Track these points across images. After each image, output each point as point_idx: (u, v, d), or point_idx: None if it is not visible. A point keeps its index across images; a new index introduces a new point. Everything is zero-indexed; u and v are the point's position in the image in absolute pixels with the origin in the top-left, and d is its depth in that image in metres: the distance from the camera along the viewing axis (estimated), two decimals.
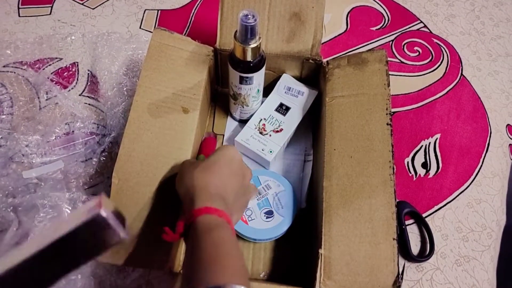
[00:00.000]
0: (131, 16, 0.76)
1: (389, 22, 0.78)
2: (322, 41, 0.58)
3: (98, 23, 0.75)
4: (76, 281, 0.51)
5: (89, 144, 0.62)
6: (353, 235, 0.46)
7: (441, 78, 0.72)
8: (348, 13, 0.79)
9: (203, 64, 0.56)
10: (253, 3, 0.57)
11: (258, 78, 0.55)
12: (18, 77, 0.67)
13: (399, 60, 0.73)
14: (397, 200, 0.47)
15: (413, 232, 0.58)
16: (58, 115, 0.64)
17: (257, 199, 0.54)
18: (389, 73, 0.54)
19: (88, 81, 0.69)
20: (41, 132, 0.61)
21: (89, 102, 0.66)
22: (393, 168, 0.48)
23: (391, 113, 0.51)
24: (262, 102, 0.61)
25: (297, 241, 0.55)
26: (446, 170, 0.63)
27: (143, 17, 0.76)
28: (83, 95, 0.67)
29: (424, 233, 0.58)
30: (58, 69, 0.69)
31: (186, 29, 0.76)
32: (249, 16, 0.46)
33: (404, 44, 0.75)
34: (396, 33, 0.77)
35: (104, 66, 0.68)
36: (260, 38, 0.50)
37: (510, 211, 0.63)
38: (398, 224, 0.51)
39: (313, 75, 0.61)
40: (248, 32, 0.47)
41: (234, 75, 0.54)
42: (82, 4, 0.77)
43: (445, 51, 0.75)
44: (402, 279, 0.44)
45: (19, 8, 0.76)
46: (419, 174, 0.63)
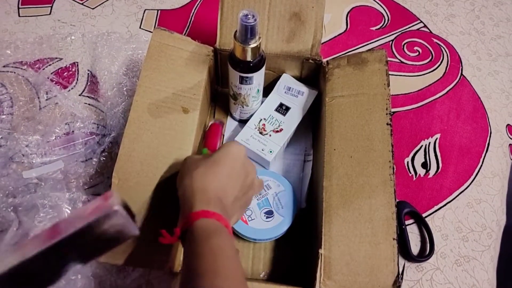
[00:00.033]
0: (131, 16, 0.76)
1: (389, 22, 0.78)
2: (322, 41, 0.58)
3: (98, 23, 0.75)
4: (76, 281, 0.51)
5: (89, 144, 0.62)
6: (353, 235, 0.46)
7: (441, 78, 0.72)
8: (348, 13, 0.79)
9: (203, 64, 0.56)
10: (253, 3, 0.57)
11: (258, 78, 0.55)
12: (18, 77, 0.67)
13: (399, 60, 0.73)
14: (397, 200, 0.47)
15: (413, 232, 0.58)
16: (58, 115, 0.64)
17: (257, 199, 0.54)
18: (389, 73, 0.54)
19: (88, 81, 0.69)
20: (41, 132, 0.61)
21: (89, 102, 0.66)
22: (393, 168, 0.48)
23: (391, 113, 0.51)
24: (262, 102, 0.61)
25: (297, 241, 0.55)
26: (446, 170, 0.63)
27: (143, 17, 0.76)
28: (83, 95, 0.67)
29: (424, 233, 0.58)
30: (58, 69, 0.69)
31: (186, 29, 0.76)
32: (249, 16, 0.46)
33: (404, 44, 0.75)
34: (396, 33, 0.77)
35: (104, 66, 0.68)
36: (260, 38, 0.49)
37: (510, 211, 0.63)
38: (398, 224, 0.51)
39: (313, 75, 0.61)
40: (248, 32, 0.47)
41: (234, 75, 0.54)
42: (82, 4, 0.77)
43: (445, 51, 0.75)
44: (402, 279, 0.44)
45: (19, 8, 0.76)
46: (419, 174, 0.63)
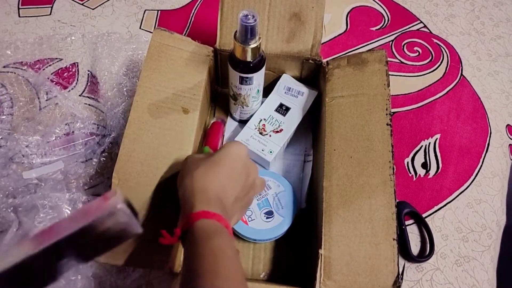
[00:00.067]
0: (131, 16, 0.76)
1: (389, 22, 0.78)
2: (322, 41, 0.58)
3: (98, 23, 0.75)
4: (76, 282, 0.51)
5: (89, 144, 0.62)
6: (353, 235, 0.46)
7: (441, 78, 0.72)
8: (348, 13, 0.79)
9: (203, 64, 0.56)
10: (253, 3, 0.57)
11: (258, 78, 0.55)
12: (18, 78, 0.67)
13: (399, 60, 0.73)
14: (397, 200, 0.47)
15: (413, 232, 0.58)
16: (58, 115, 0.64)
17: (257, 199, 0.54)
18: (389, 73, 0.54)
19: (88, 81, 0.69)
20: (41, 133, 0.61)
21: (89, 103, 0.66)
22: (393, 168, 0.48)
23: (391, 113, 0.51)
24: (262, 102, 0.61)
25: (297, 241, 0.55)
26: (446, 170, 0.63)
27: (143, 17, 0.76)
28: (83, 96, 0.67)
29: (424, 233, 0.58)
30: (58, 70, 0.69)
31: (186, 29, 0.76)
32: (249, 16, 0.46)
33: (404, 44, 0.75)
34: (396, 33, 0.77)
35: (104, 66, 0.68)
36: (260, 38, 0.50)
37: (510, 211, 0.63)
38: (398, 224, 0.51)
39: (313, 75, 0.61)
40: (248, 32, 0.47)
41: (234, 75, 0.54)
42: (82, 4, 0.77)
43: (445, 51, 0.75)
44: (402, 279, 0.44)
45: (19, 9, 0.76)
46: (419, 174, 0.63)
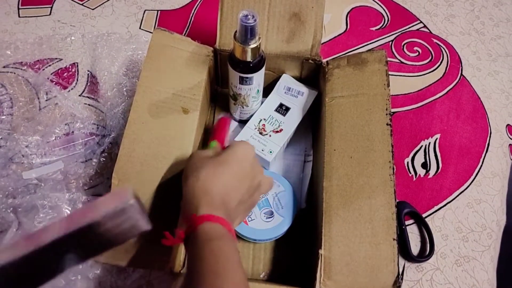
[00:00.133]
0: (130, 16, 0.76)
1: (388, 22, 0.78)
2: (322, 41, 0.58)
3: (98, 23, 0.75)
4: (76, 282, 0.51)
5: (89, 144, 0.62)
6: (353, 236, 0.46)
7: (441, 78, 0.72)
8: (348, 13, 0.79)
9: (203, 64, 0.56)
10: (253, 3, 0.57)
11: (258, 79, 0.55)
12: (18, 78, 0.67)
13: (399, 60, 0.73)
14: (397, 200, 0.47)
15: (413, 232, 0.58)
16: (58, 115, 0.64)
17: None
18: (389, 73, 0.54)
19: (88, 81, 0.69)
20: (41, 133, 0.61)
21: (89, 103, 0.66)
22: (393, 168, 0.48)
23: (391, 113, 0.51)
24: (262, 103, 0.61)
25: (297, 241, 0.55)
26: (446, 170, 0.63)
27: (142, 17, 0.76)
28: (83, 96, 0.67)
29: (424, 233, 0.58)
30: (58, 70, 0.69)
31: (186, 29, 0.76)
32: (249, 17, 0.46)
33: (404, 44, 0.75)
34: (396, 33, 0.77)
35: (104, 66, 0.68)
36: (260, 38, 0.49)
37: (510, 211, 0.63)
38: (398, 224, 0.51)
39: (313, 75, 0.61)
40: (248, 33, 0.47)
41: (234, 75, 0.54)
42: (82, 4, 0.77)
43: (445, 51, 0.75)
44: (402, 279, 0.44)
45: (19, 9, 0.76)
46: (419, 174, 0.63)
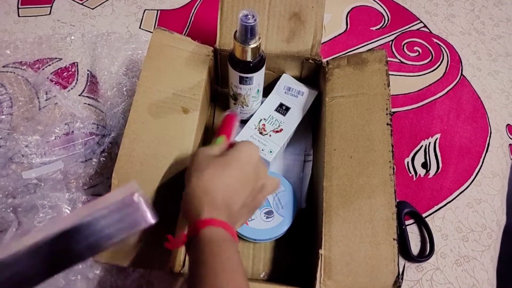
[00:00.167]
0: (130, 16, 0.76)
1: (389, 22, 0.78)
2: (322, 41, 0.58)
3: (97, 23, 0.75)
4: (76, 282, 0.51)
5: (88, 144, 0.62)
6: (353, 235, 0.46)
7: (441, 78, 0.72)
8: (348, 13, 0.79)
9: (203, 64, 0.56)
10: (253, 3, 0.57)
11: (258, 78, 0.55)
12: (18, 77, 0.67)
13: (399, 60, 0.73)
14: (397, 200, 0.47)
15: (413, 232, 0.58)
16: (57, 115, 0.64)
17: None
18: (389, 73, 0.54)
19: (87, 81, 0.68)
20: (40, 133, 0.61)
21: (89, 102, 0.66)
22: (393, 168, 0.48)
23: (391, 113, 0.51)
24: (262, 102, 0.61)
25: (297, 241, 0.55)
26: (446, 170, 0.63)
27: (142, 17, 0.76)
28: (82, 95, 0.67)
29: (424, 233, 0.58)
30: (58, 69, 0.69)
31: (185, 29, 0.76)
32: (249, 16, 0.46)
33: (404, 44, 0.75)
34: (396, 33, 0.77)
35: (104, 66, 0.67)
36: (260, 38, 0.49)
37: (510, 211, 0.63)
38: (398, 224, 0.51)
39: (313, 75, 0.61)
40: (248, 32, 0.47)
41: (234, 75, 0.54)
42: (82, 4, 0.77)
43: (445, 51, 0.75)
44: (402, 279, 0.44)
45: (18, 8, 0.76)
46: (419, 174, 0.63)
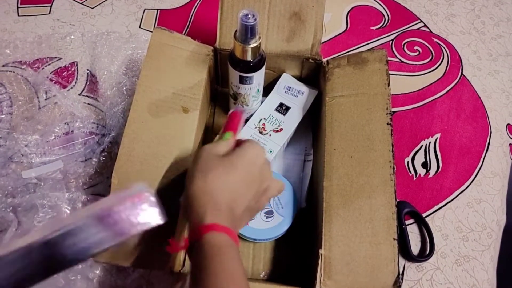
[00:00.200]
0: (130, 15, 0.76)
1: (389, 21, 0.78)
2: (322, 41, 0.58)
3: (97, 22, 0.75)
4: (76, 282, 0.51)
5: (88, 144, 0.62)
6: (353, 235, 0.46)
7: (441, 77, 0.72)
8: (348, 12, 0.79)
9: (203, 63, 0.56)
10: (253, 3, 0.57)
11: (258, 78, 0.55)
12: (17, 77, 0.67)
13: (399, 59, 0.73)
14: (397, 200, 0.47)
15: (413, 232, 0.58)
16: (57, 114, 0.64)
17: None
18: (389, 72, 0.54)
19: (87, 80, 0.68)
20: (40, 132, 0.61)
21: (89, 102, 0.66)
22: (393, 168, 0.48)
23: (391, 113, 0.51)
24: (262, 102, 0.61)
25: (297, 241, 0.55)
26: (446, 170, 0.63)
27: (142, 16, 0.76)
28: (82, 95, 0.67)
29: (424, 233, 0.58)
30: (58, 69, 0.69)
31: (185, 28, 0.76)
32: (249, 16, 0.46)
33: (404, 43, 0.75)
34: (396, 32, 0.77)
35: (104, 65, 0.67)
36: (260, 37, 0.49)
37: (510, 211, 0.63)
38: (398, 224, 0.51)
39: (313, 74, 0.61)
40: (248, 32, 0.47)
41: (234, 75, 0.54)
42: (81, 3, 0.77)
43: (445, 51, 0.75)
44: (402, 279, 0.44)
45: (18, 8, 0.76)
46: (419, 174, 0.63)
